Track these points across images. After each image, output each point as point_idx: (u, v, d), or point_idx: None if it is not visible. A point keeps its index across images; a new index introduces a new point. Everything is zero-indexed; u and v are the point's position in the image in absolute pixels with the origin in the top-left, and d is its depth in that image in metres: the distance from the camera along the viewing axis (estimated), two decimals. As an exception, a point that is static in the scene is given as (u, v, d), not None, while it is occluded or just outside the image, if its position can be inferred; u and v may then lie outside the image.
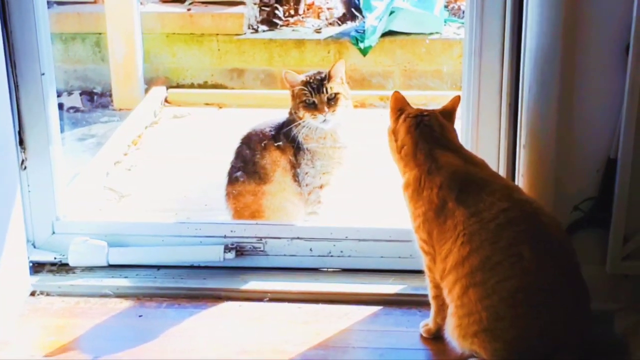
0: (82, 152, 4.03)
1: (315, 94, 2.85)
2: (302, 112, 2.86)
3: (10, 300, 2.37)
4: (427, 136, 2.18)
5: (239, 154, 2.99)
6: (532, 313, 1.99)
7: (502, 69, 2.39)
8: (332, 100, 2.86)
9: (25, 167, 2.57)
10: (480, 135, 2.45)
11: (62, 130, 2.69)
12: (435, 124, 2.20)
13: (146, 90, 4.74)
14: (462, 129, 2.49)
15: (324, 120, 2.85)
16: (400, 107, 2.24)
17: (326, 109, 2.84)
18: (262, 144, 2.94)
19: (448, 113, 2.24)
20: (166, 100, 4.64)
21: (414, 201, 2.17)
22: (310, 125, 2.86)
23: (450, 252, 2.07)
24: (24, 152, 2.56)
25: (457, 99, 2.26)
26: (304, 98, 2.86)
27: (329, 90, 2.85)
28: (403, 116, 2.22)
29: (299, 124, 2.87)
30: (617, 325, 2.26)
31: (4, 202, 2.29)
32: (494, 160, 2.43)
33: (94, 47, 4.94)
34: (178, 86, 4.84)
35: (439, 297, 2.19)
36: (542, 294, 2.00)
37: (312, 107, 2.85)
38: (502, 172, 2.43)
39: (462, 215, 2.07)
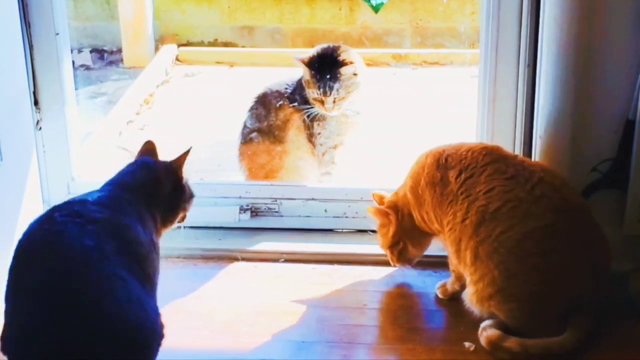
0: (92, 111, 4.03)
1: (321, 91, 2.82)
2: (310, 99, 2.86)
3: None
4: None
5: (253, 113, 2.98)
6: (543, 264, 2.00)
7: (520, 28, 2.37)
8: (339, 98, 2.84)
9: (40, 128, 2.57)
10: (497, 96, 2.44)
11: (73, 89, 2.68)
12: None
13: (156, 48, 4.72)
14: (479, 90, 2.47)
15: (331, 111, 2.85)
16: (385, 214, 2.30)
17: (332, 105, 2.83)
18: (278, 104, 2.93)
19: None
20: (177, 59, 4.62)
21: (417, 206, 2.23)
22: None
23: (454, 216, 2.10)
24: (38, 112, 2.56)
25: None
26: (311, 90, 2.84)
27: (334, 93, 2.82)
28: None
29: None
30: (632, 286, 2.26)
31: (21, 162, 2.29)
32: (512, 121, 2.42)
33: (103, 5, 4.90)
34: (188, 44, 4.82)
35: (454, 271, 2.24)
36: (550, 240, 2.00)
37: (319, 101, 2.84)
38: (519, 132, 2.44)
39: (452, 177, 2.13)
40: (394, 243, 2.30)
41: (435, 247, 2.41)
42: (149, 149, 2.19)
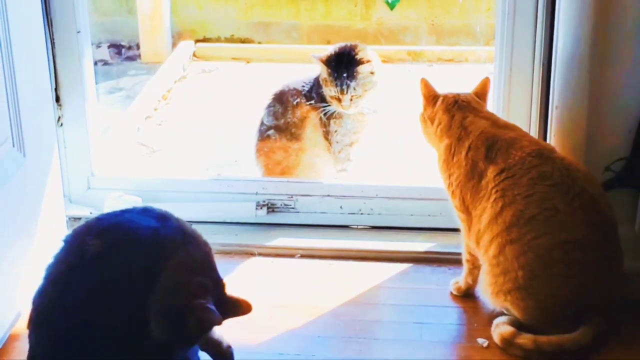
0: (110, 106, 4.08)
1: (338, 89, 2.86)
2: (327, 97, 2.90)
3: (48, 253, 2.41)
4: (463, 109, 2.22)
5: (270, 110, 3.01)
6: (568, 272, 2.02)
7: (536, 28, 2.39)
8: (356, 96, 2.87)
9: (61, 124, 2.61)
10: (512, 95, 2.45)
11: (92, 85, 2.72)
12: (473, 101, 2.25)
13: (173, 44, 4.75)
14: (494, 89, 2.49)
15: (348, 109, 2.89)
16: (432, 93, 2.27)
17: (349, 103, 2.86)
18: (295, 102, 2.96)
19: (481, 95, 2.28)
20: (194, 55, 4.66)
21: (445, 169, 2.21)
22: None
23: (484, 210, 2.10)
24: (60, 109, 2.60)
25: (486, 82, 2.29)
26: (329, 88, 2.88)
27: (351, 91, 2.86)
28: (440, 99, 2.25)
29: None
30: (645, 284, 2.29)
31: (43, 159, 2.32)
32: (526, 120, 2.44)
33: (121, 0, 4.94)
34: (205, 40, 4.85)
35: (469, 261, 2.25)
36: (578, 252, 2.02)
37: (336, 99, 2.87)
38: (533, 132, 2.44)
39: (492, 172, 2.11)
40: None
41: (451, 245, 2.44)
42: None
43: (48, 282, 1.76)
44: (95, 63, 4.61)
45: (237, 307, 1.86)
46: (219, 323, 1.77)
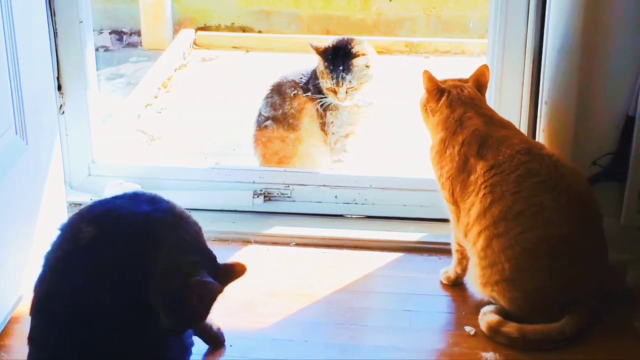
0: (111, 92, 4.11)
1: (334, 81, 2.91)
2: (324, 89, 2.95)
3: (50, 239, 2.46)
4: (465, 105, 2.24)
5: (268, 101, 3.06)
6: (554, 265, 2.06)
7: (527, 25, 2.43)
8: (351, 89, 2.92)
9: (63, 112, 2.65)
10: (503, 90, 2.50)
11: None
12: (476, 97, 2.26)
13: (174, 32, 4.78)
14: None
15: (344, 101, 2.94)
16: (436, 87, 2.27)
17: (345, 95, 2.91)
18: (292, 93, 3.01)
19: (480, 85, 2.30)
20: (195, 43, 4.69)
21: (437, 161, 2.25)
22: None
23: (473, 205, 2.15)
24: (61, 97, 2.64)
25: (485, 70, 2.30)
26: (325, 80, 2.93)
27: (347, 83, 2.91)
28: (445, 96, 2.26)
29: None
30: (630, 275, 2.33)
31: (45, 146, 2.36)
32: (516, 115, 2.48)
33: (123, -14, 4.97)
34: (205, 27, 4.88)
35: (458, 251, 2.29)
36: (564, 246, 2.06)
37: (332, 91, 2.92)
38: (523, 126, 2.49)
39: (482, 169, 2.15)
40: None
41: (442, 235, 2.49)
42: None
43: (46, 269, 1.83)
44: (97, 49, 4.64)
45: (232, 272, 1.92)
46: (220, 291, 1.83)
